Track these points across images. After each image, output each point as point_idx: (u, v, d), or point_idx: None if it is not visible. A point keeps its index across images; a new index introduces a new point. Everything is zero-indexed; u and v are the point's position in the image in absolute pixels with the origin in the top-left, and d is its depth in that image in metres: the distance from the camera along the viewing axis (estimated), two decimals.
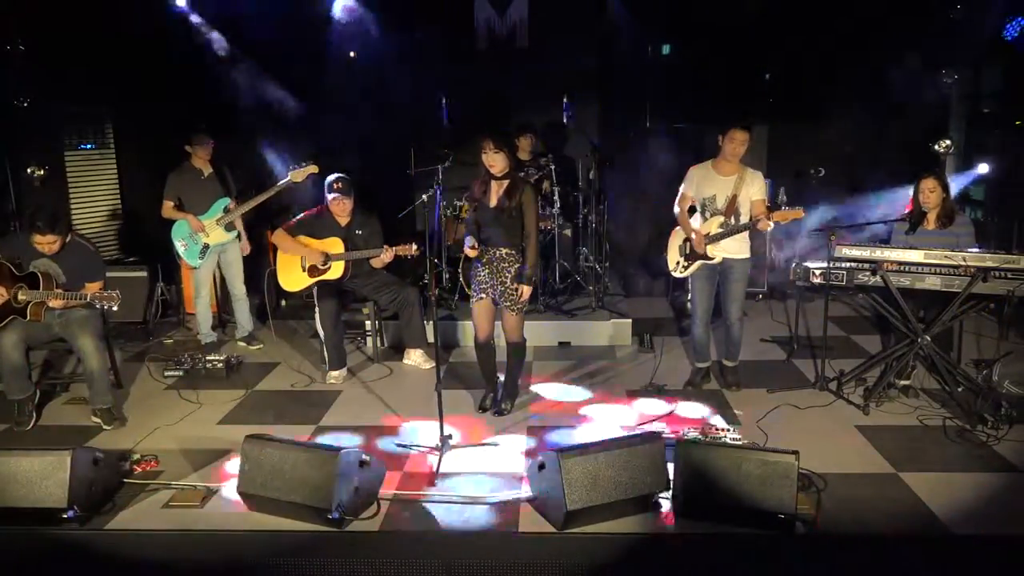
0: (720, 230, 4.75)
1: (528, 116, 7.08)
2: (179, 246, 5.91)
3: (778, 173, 7.30)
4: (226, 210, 5.87)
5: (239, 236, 6.04)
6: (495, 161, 4.34)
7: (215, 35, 7.14)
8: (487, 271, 4.50)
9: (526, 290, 4.43)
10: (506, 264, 4.46)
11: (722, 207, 4.75)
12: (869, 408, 4.60)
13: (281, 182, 5.76)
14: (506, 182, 4.41)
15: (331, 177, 5.33)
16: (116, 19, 6.57)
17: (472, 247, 4.43)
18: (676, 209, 4.94)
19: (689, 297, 5.30)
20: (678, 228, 4.98)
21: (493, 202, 4.44)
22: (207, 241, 5.86)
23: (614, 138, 7.63)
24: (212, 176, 5.89)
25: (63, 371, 5.56)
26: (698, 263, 4.86)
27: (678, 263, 4.99)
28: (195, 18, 7.05)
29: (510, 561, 3.21)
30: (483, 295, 4.54)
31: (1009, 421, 4.32)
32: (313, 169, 5.69)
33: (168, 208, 5.85)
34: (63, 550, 3.42)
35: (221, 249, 5.96)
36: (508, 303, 4.47)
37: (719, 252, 4.78)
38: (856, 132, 7.66)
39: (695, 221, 4.90)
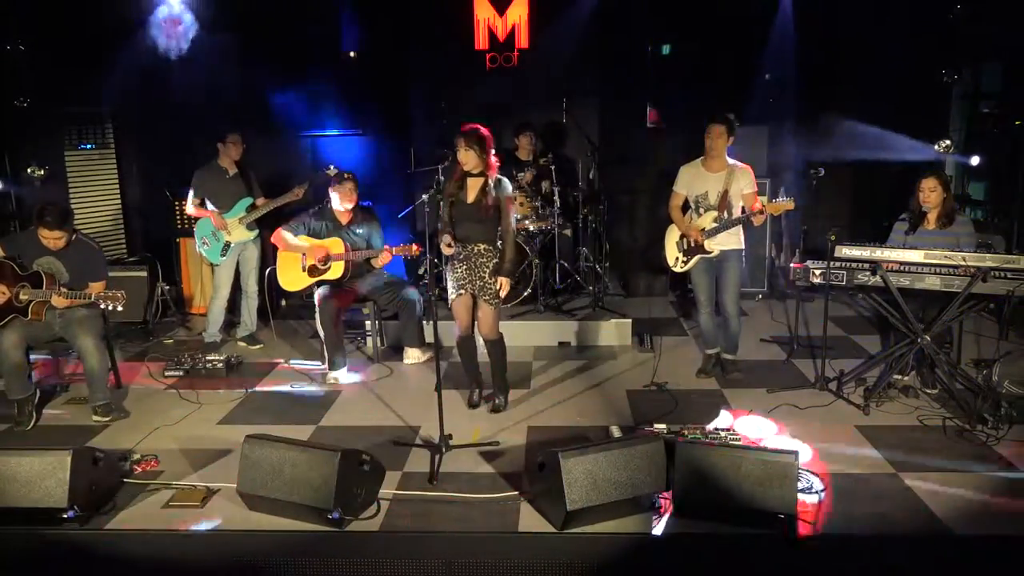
0: (715, 224, 4.90)
1: (528, 116, 7.07)
2: (201, 244, 5.95)
3: (778, 173, 7.30)
4: (248, 209, 5.90)
5: (259, 236, 6.08)
6: (467, 159, 4.39)
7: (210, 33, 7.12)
8: (464, 267, 4.53)
9: (504, 282, 4.46)
10: (484, 260, 4.49)
11: (715, 203, 4.91)
12: (869, 408, 4.60)
13: (305, 184, 5.85)
14: (481, 179, 4.44)
15: (336, 171, 5.41)
16: (115, 18, 6.58)
17: (448, 244, 4.45)
18: (671, 208, 5.12)
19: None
20: (673, 225, 5.15)
21: (470, 198, 4.46)
22: (229, 239, 5.88)
23: (614, 138, 7.62)
24: (237, 176, 5.94)
25: (63, 371, 5.56)
26: (696, 258, 5.02)
27: (677, 259, 5.13)
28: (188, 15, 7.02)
29: (510, 561, 3.21)
30: (462, 291, 4.56)
31: (1009, 421, 4.32)
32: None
33: (192, 205, 5.89)
34: (63, 550, 3.42)
35: (242, 247, 5.99)
36: (486, 297, 4.50)
37: (715, 245, 4.94)
38: (856, 131, 7.64)
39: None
